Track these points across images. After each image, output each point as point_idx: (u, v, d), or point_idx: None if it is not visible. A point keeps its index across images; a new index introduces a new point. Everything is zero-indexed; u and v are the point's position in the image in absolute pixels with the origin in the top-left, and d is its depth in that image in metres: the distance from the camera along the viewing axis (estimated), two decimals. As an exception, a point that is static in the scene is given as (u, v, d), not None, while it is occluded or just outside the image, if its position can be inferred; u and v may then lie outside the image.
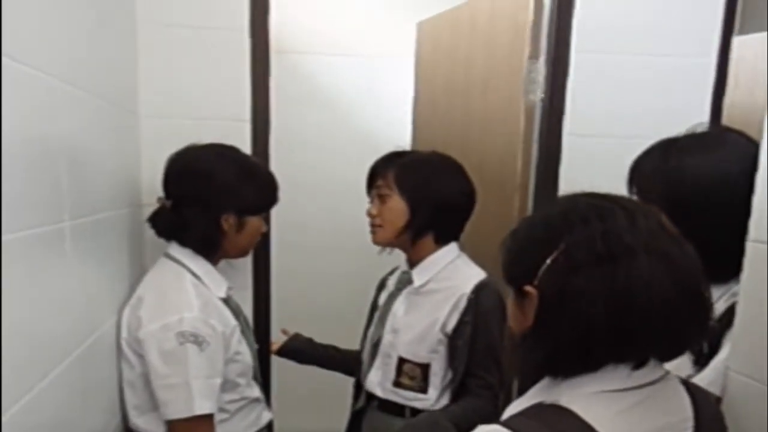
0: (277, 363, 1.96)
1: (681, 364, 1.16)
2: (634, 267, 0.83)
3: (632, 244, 0.84)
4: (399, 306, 1.68)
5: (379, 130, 2.97)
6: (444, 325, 1.60)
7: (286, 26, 2.94)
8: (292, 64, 3.00)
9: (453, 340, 1.60)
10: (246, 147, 1.74)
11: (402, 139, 2.42)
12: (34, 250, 1.00)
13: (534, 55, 1.96)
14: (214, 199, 1.51)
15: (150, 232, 1.58)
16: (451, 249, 1.68)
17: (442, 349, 1.61)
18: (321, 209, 3.05)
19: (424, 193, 1.60)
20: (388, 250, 1.72)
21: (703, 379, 1.14)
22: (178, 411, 1.38)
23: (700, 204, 1.17)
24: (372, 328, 1.75)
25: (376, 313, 1.76)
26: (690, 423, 0.91)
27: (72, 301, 1.17)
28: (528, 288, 0.89)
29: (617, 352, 0.86)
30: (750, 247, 1.11)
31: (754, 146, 1.21)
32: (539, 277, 0.88)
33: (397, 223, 1.62)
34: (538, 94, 1.96)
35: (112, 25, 1.53)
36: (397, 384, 1.64)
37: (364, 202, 1.71)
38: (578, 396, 0.87)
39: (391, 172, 1.63)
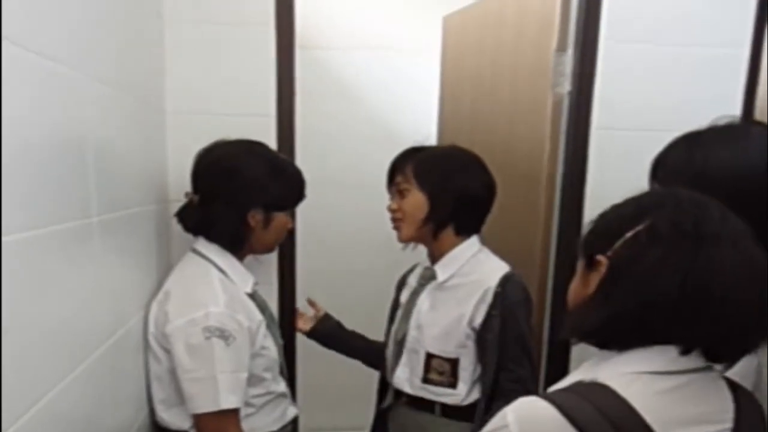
0: (302, 358, 1.96)
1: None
2: (718, 254, 0.84)
3: (720, 233, 0.86)
4: (423, 302, 1.68)
5: (404, 126, 2.96)
6: (471, 320, 1.59)
7: (310, 21, 2.94)
8: (317, 60, 3.00)
9: (482, 334, 1.59)
10: (271, 143, 1.74)
11: (428, 135, 2.39)
12: (64, 245, 1.01)
13: (562, 47, 1.93)
14: (241, 194, 1.52)
15: (177, 228, 1.59)
16: (473, 243, 1.67)
17: (471, 344, 1.61)
18: (345, 205, 3.04)
19: (442, 186, 1.60)
20: (411, 245, 1.72)
21: (734, 375, 1.11)
22: (204, 405, 1.39)
23: (725, 197, 1.15)
24: (396, 326, 1.74)
25: (399, 310, 1.75)
26: (729, 416, 0.90)
27: (100, 297, 1.19)
28: (600, 257, 0.92)
29: (676, 332, 0.87)
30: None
31: None
32: (615, 248, 0.91)
33: (418, 216, 1.61)
34: (566, 86, 1.93)
35: (140, 23, 1.54)
36: (426, 380, 1.64)
37: (387, 197, 1.71)
38: (617, 374, 0.88)
39: (410, 166, 1.63)
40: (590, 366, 0.94)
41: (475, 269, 1.64)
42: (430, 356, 1.63)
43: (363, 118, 3.06)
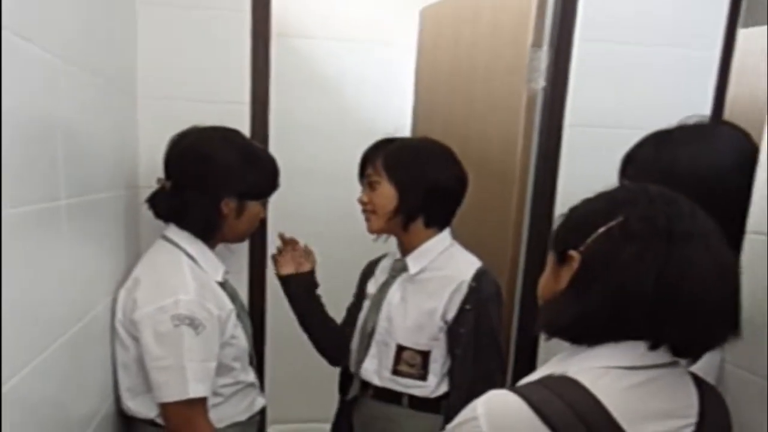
0: (270, 348, 1.95)
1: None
2: (691, 253, 0.86)
3: (692, 231, 0.87)
4: (394, 293, 1.68)
5: (379, 118, 2.93)
6: (444, 313, 1.60)
7: (288, 8, 2.92)
8: (293, 48, 2.97)
9: (454, 327, 1.60)
10: (245, 130, 1.72)
11: (402, 128, 2.40)
12: (31, 227, 0.99)
13: (537, 43, 1.94)
14: (215, 182, 1.50)
15: (147, 214, 1.57)
16: (445, 237, 1.68)
17: (442, 336, 1.62)
18: (318, 195, 3.01)
19: (412, 177, 1.60)
20: (384, 237, 1.72)
21: (698, 370, 1.13)
22: (171, 394, 1.37)
23: (692, 196, 1.17)
24: (363, 317, 1.73)
25: (366, 300, 1.75)
26: (694, 411, 0.92)
27: (67, 281, 1.16)
28: (572, 252, 0.93)
29: (647, 328, 0.88)
30: (749, 239, 1.10)
31: (747, 140, 1.22)
32: (587, 243, 0.91)
33: (387, 207, 1.61)
34: (540, 82, 1.94)
35: (112, 5, 1.51)
36: (395, 372, 1.64)
37: (360, 189, 1.70)
38: (587, 369, 0.89)
39: (380, 158, 1.63)
40: (560, 360, 0.95)
41: (447, 263, 1.65)
42: (401, 348, 1.63)
43: (337, 108, 3.03)
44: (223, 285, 1.56)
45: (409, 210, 1.61)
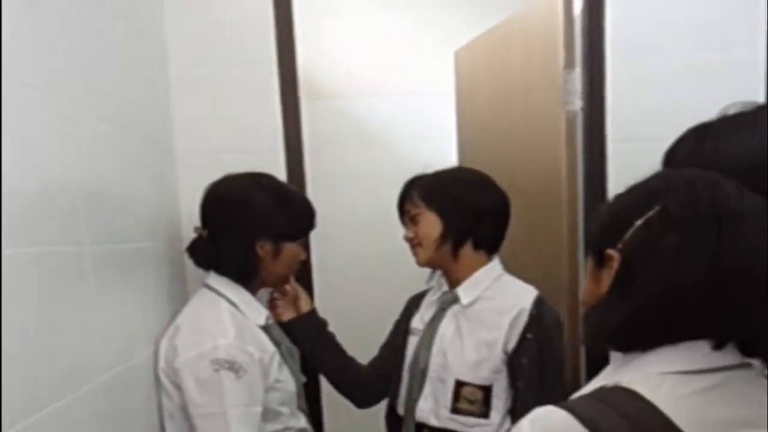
0: (327, 396, 1.90)
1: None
2: (743, 232, 0.77)
3: (741, 210, 0.78)
4: (447, 327, 1.60)
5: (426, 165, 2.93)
6: (505, 343, 1.53)
7: (327, 71, 3.00)
8: (336, 109, 3.04)
9: (515, 358, 1.52)
10: (281, 175, 1.75)
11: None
12: (51, 277, 1.01)
13: (569, 65, 1.91)
14: (248, 225, 1.51)
15: (192, 266, 1.58)
16: (495, 265, 1.62)
17: (504, 369, 1.53)
18: (368, 249, 3.01)
19: (452, 200, 1.57)
20: (435, 280, 1.68)
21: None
22: None
23: None
24: (413, 353, 1.64)
25: (412, 336, 1.67)
26: None
27: (94, 327, 1.17)
28: (610, 251, 0.84)
29: (706, 324, 0.79)
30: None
31: None
32: (625, 239, 0.83)
33: (432, 235, 1.57)
34: (577, 103, 1.90)
35: (144, 69, 1.60)
36: (455, 410, 1.54)
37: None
38: (642, 377, 0.80)
39: (416, 191, 1.61)
40: (613, 369, 0.86)
41: (501, 292, 1.58)
42: (460, 384, 1.54)
43: (385, 161, 3.05)
44: (267, 329, 1.54)
45: (456, 233, 1.57)
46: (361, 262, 3.00)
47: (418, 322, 1.68)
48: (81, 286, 1.11)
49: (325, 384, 1.88)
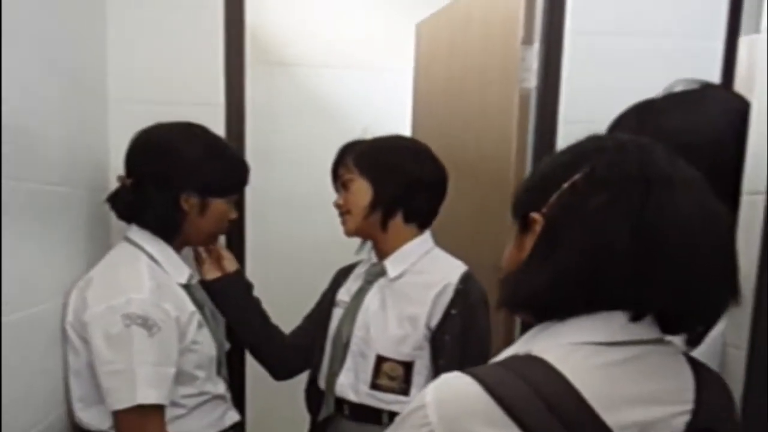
0: (250, 367, 1.82)
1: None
2: (671, 198, 0.72)
3: (671, 176, 0.73)
4: (371, 300, 1.54)
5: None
6: (429, 319, 1.47)
7: (285, 37, 2.90)
8: (292, 77, 2.94)
9: (438, 334, 1.46)
10: (219, 132, 1.66)
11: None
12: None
13: (528, 41, 1.86)
14: (173, 176, 1.41)
15: (118, 220, 1.49)
16: (426, 238, 1.57)
17: (427, 345, 1.48)
18: (313, 224, 2.92)
19: (386, 168, 1.51)
20: (365, 252, 1.62)
21: (698, 356, 0.99)
22: (120, 400, 1.26)
23: None
24: (336, 326, 1.58)
25: (336, 308, 1.60)
26: (689, 397, 0.76)
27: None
28: (534, 215, 0.79)
29: (626, 293, 0.74)
30: (745, 200, 0.97)
31: (737, 99, 1.10)
32: (550, 202, 0.77)
33: (361, 203, 1.51)
34: (533, 81, 1.85)
35: (80, 9, 1.49)
36: (374, 386, 1.48)
37: None
38: (555, 346, 0.75)
39: (350, 156, 1.55)
40: (527, 338, 0.80)
41: (430, 266, 1.53)
42: (381, 359, 1.48)
43: (335, 135, 2.95)
44: (189, 288, 1.46)
45: (386, 203, 1.50)
46: (299, 237, 2.89)
47: (344, 294, 1.62)
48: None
49: (249, 355, 1.80)
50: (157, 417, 1.30)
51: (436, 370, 1.46)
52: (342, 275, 1.68)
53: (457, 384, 0.73)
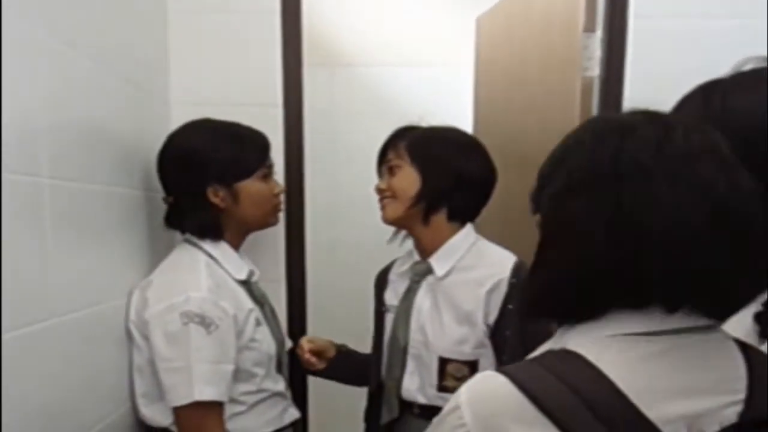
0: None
1: (745, 338, 0.97)
2: (647, 189, 0.67)
3: (649, 165, 0.68)
4: (422, 300, 1.49)
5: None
6: (486, 316, 1.43)
7: (348, 37, 2.91)
8: (352, 77, 2.94)
9: (498, 331, 1.42)
10: (278, 133, 1.70)
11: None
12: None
13: (590, 28, 1.79)
14: (191, 176, 1.42)
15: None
16: (469, 231, 1.52)
17: (488, 342, 1.44)
18: (373, 226, 2.91)
19: (438, 162, 1.46)
20: (399, 240, 1.60)
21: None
22: (179, 397, 1.29)
23: (749, 150, 0.97)
24: (390, 330, 1.54)
25: (388, 313, 1.56)
26: (741, 385, 0.70)
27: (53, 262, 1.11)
28: (536, 218, 0.79)
29: (623, 293, 0.70)
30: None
31: None
32: (542, 204, 0.78)
33: (408, 191, 1.46)
34: (595, 69, 1.79)
35: (143, 14, 1.55)
36: (442, 388, 1.44)
37: None
38: (589, 339, 0.72)
39: (403, 142, 1.50)
40: (561, 333, 0.77)
41: (478, 260, 1.48)
42: (444, 361, 1.44)
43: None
44: (248, 285, 1.48)
45: (433, 197, 1.46)
46: (358, 238, 2.86)
47: (391, 297, 1.58)
48: (37, 218, 1.05)
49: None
50: (215, 413, 1.32)
51: (501, 365, 1.42)
52: (381, 279, 1.64)
53: (490, 383, 0.71)
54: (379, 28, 2.93)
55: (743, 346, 0.76)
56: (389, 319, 1.56)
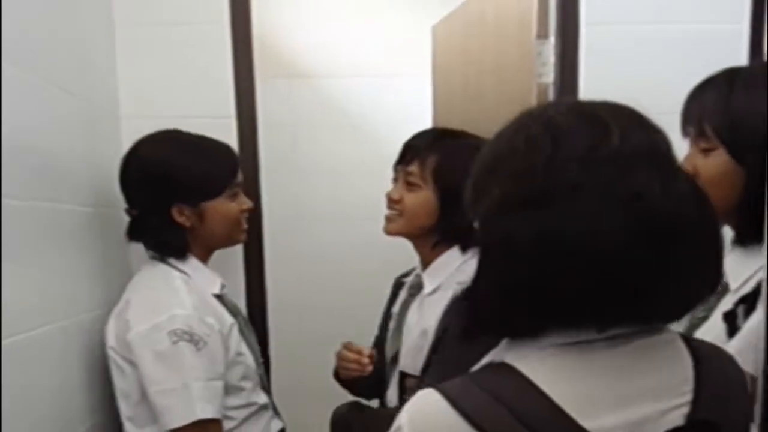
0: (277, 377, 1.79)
1: (716, 337, 0.96)
2: (576, 206, 0.63)
3: (581, 180, 0.64)
4: (412, 315, 1.45)
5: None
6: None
7: (298, 49, 2.88)
8: (307, 88, 2.92)
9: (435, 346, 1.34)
10: (233, 142, 1.65)
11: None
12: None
13: (542, 34, 1.81)
14: (155, 192, 1.38)
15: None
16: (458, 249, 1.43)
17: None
18: (340, 234, 2.89)
19: (460, 202, 1.37)
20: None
21: (730, 350, 0.91)
22: (177, 418, 1.24)
23: None
24: (388, 341, 1.50)
25: (391, 322, 1.52)
26: (688, 387, 0.69)
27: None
28: (475, 225, 0.74)
29: (557, 311, 0.67)
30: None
31: None
32: (479, 216, 0.73)
33: (421, 218, 1.37)
34: (550, 75, 1.80)
35: (88, 28, 1.51)
36: (403, 401, 1.38)
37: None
38: (528, 351, 0.69)
39: (432, 160, 1.35)
40: (505, 343, 0.74)
41: (463, 278, 1.43)
42: (403, 375, 1.42)
43: (355, 144, 2.92)
44: (221, 299, 1.44)
45: (445, 234, 1.37)
46: (315, 248, 2.84)
47: (397, 306, 1.53)
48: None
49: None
50: (216, 429, 1.28)
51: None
52: (398, 285, 1.58)
53: (426, 401, 0.68)
54: (336, 40, 2.91)
55: (692, 346, 0.74)
56: (391, 327, 1.52)
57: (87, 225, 1.44)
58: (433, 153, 1.36)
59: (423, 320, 1.39)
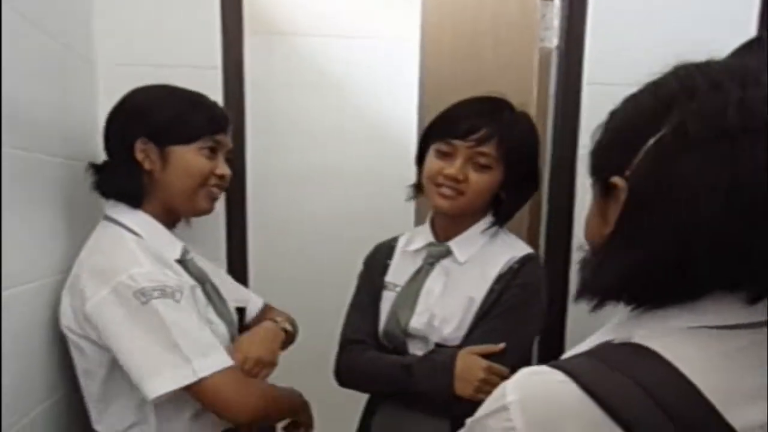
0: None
1: None
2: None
3: None
4: (435, 283, 1.38)
5: (385, 114, 2.72)
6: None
7: (285, 7, 2.75)
8: (292, 47, 2.79)
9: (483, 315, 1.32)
10: (217, 98, 1.52)
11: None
12: None
13: (548, -5, 1.73)
14: (123, 126, 1.27)
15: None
16: (489, 221, 1.42)
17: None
18: (317, 198, 2.79)
19: (525, 190, 1.41)
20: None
21: None
22: (168, 382, 1.12)
23: None
24: (391, 311, 1.41)
25: (387, 291, 1.44)
26: None
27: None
28: (616, 180, 0.65)
29: (733, 272, 0.60)
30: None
31: None
32: (634, 164, 0.63)
33: (486, 200, 1.37)
34: (554, 40, 1.72)
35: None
36: None
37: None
38: (661, 332, 0.62)
39: (505, 142, 1.32)
40: (623, 321, 0.67)
41: (495, 249, 1.38)
42: (437, 347, 1.34)
43: (339, 106, 2.82)
44: (184, 264, 1.30)
45: (500, 217, 1.41)
46: (299, 209, 2.74)
47: (395, 275, 1.45)
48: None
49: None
50: (232, 378, 1.18)
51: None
52: (384, 255, 1.50)
53: (547, 381, 0.61)
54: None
55: None
56: (387, 297, 1.43)
57: (56, 177, 1.31)
58: (507, 133, 1.32)
59: (464, 288, 1.35)
